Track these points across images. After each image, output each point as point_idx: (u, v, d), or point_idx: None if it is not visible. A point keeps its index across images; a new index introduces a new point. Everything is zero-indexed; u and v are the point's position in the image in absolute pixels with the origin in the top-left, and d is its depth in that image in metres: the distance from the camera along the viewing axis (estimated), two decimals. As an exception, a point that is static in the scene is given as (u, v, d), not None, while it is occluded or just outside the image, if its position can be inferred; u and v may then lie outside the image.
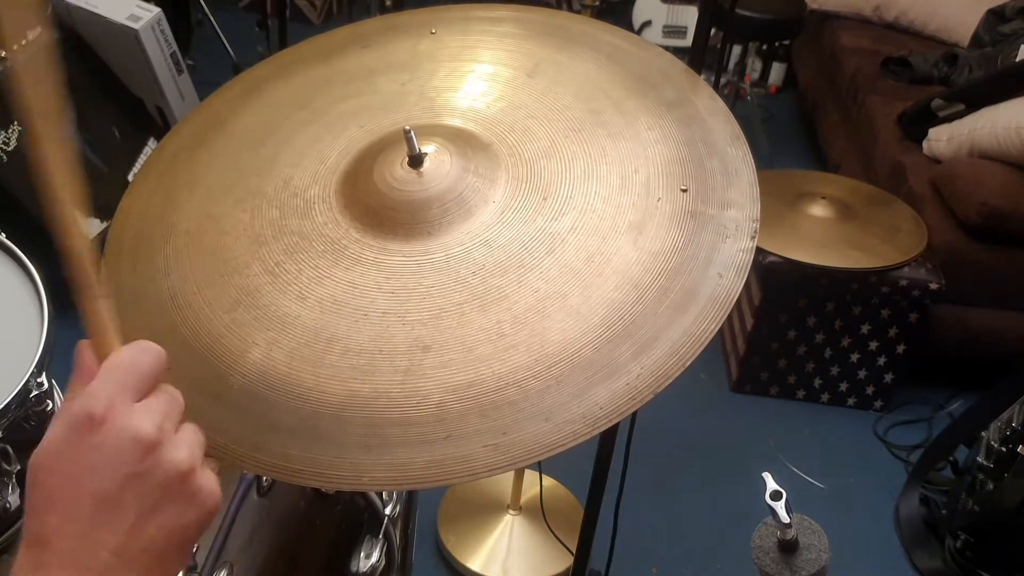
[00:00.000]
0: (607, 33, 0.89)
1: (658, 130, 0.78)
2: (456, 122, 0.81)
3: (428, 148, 0.76)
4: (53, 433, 0.50)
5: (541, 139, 0.78)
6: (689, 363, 0.63)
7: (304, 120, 0.85)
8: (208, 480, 0.52)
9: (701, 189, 0.73)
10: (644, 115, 0.79)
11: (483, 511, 1.91)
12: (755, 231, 0.70)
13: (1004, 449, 1.71)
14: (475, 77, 0.86)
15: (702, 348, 0.63)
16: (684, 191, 0.73)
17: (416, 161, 0.74)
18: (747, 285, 2.34)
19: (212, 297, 0.71)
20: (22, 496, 1.01)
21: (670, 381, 0.62)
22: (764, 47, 3.83)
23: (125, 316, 0.72)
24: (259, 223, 0.76)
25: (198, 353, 0.69)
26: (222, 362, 0.68)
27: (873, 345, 2.23)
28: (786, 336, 2.23)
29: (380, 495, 1.16)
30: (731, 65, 3.41)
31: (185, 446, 0.52)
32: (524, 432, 0.61)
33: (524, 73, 0.85)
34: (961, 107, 2.38)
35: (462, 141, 0.78)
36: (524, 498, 1.90)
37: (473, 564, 1.82)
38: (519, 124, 0.79)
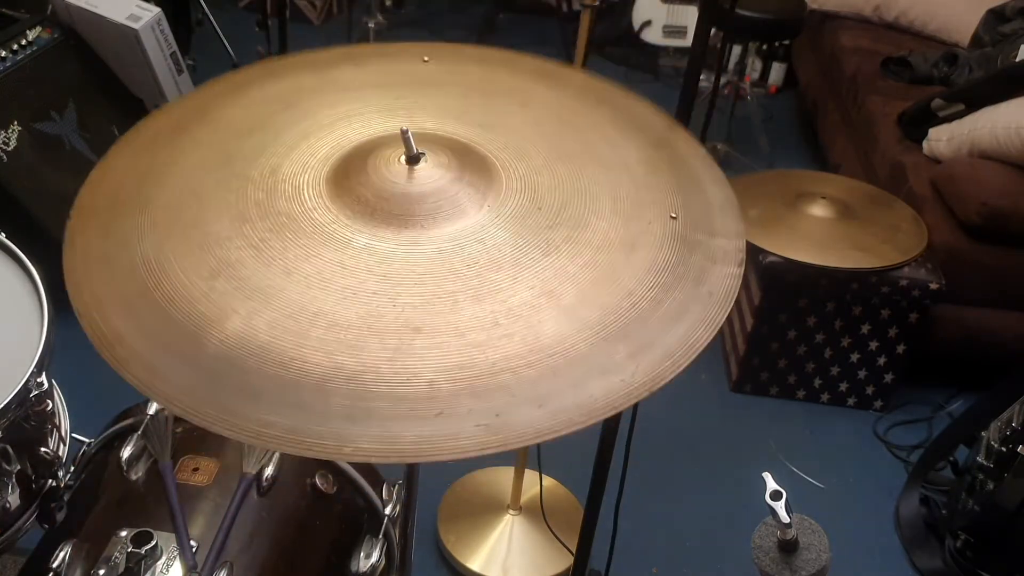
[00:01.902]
0: (594, 80, 0.93)
1: (648, 165, 0.81)
2: (451, 134, 0.82)
3: (425, 149, 0.76)
4: None
5: (535, 159, 0.80)
6: (684, 368, 0.64)
7: (294, 118, 0.85)
8: None
9: (690, 218, 0.76)
10: (635, 151, 0.82)
11: (483, 511, 1.91)
12: (741, 260, 0.73)
13: (1004, 449, 1.71)
14: (468, 103, 0.87)
15: (697, 354, 0.65)
16: (674, 218, 0.75)
17: (413, 160, 0.75)
18: (747, 285, 2.35)
19: (189, 266, 0.71)
20: (22, 496, 1.01)
21: (665, 383, 0.63)
22: (764, 47, 3.83)
23: (94, 277, 0.73)
24: (243, 203, 0.76)
25: (171, 315, 0.68)
26: (197, 326, 0.67)
27: (873, 345, 2.23)
28: (786, 336, 2.24)
29: (380, 495, 1.16)
30: (731, 65, 3.41)
31: None
32: (517, 415, 0.61)
33: (517, 103, 0.87)
34: (961, 107, 2.38)
35: (459, 149, 0.79)
36: (524, 498, 1.90)
37: (473, 564, 1.82)
38: (513, 145, 0.81)
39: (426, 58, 0.92)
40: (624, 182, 0.78)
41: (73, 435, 1.12)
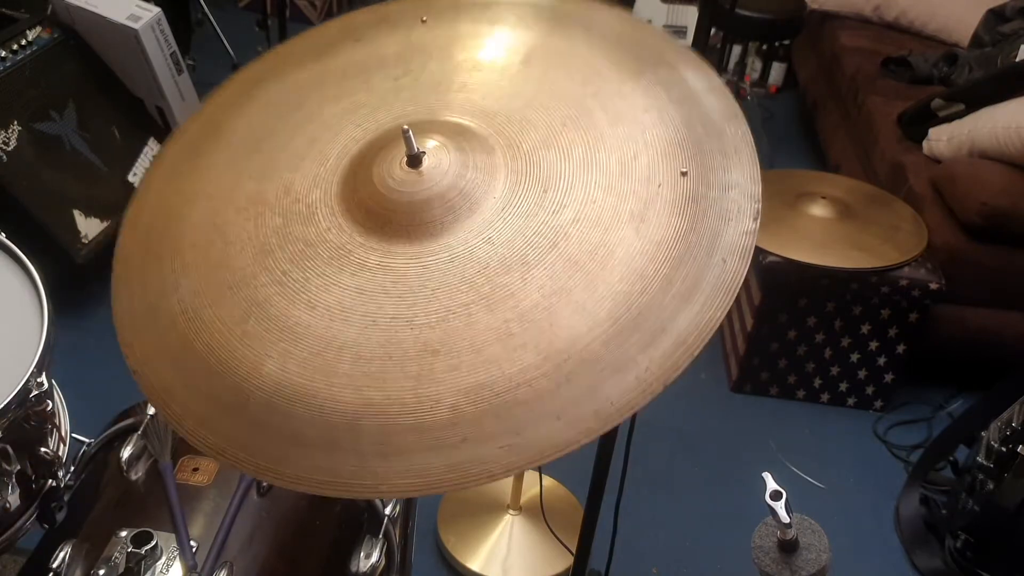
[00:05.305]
0: (599, 12, 0.87)
1: (655, 112, 0.77)
2: (452, 116, 0.80)
3: (426, 146, 0.75)
4: None
5: (539, 128, 0.77)
6: (697, 353, 0.63)
7: (299, 122, 0.84)
8: None
9: (701, 171, 0.72)
10: (640, 97, 0.78)
11: (483, 511, 1.91)
12: (757, 212, 0.70)
13: (1004, 449, 1.71)
14: (469, 67, 0.85)
15: (709, 336, 0.63)
16: (684, 174, 0.72)
17: (415, 161, 0.74)
18: (747, 285, 2.35)
19: (223, 310, 0.71)
20: (22, 496, 1.01)
21: (679, 372, 0.62)
22: (764, 47, 3.82)
23: (141, 332, 0.72)
24: (263, 232, 0.76)
25: (213, 368, 0.69)
26: (238, 375, 0.68)
27: (873, 345, 2.23)
28: (786, 336, 2.23)
29: (380, 495, 1.16)
30: (731, 65, 3.41)
31: None
32: (538, 431, 0.61)
33: (518, 60, 0.84)
34: (961, 107, 2.38)
35: (460, 137, 0.77)
36: (524, 498, 1.90)
37: (473, 564, 1.81)
38: (516, 114, 0.79)
39: (424, 18, 0.89)
40: (632, 138, 0.75)
41: (73, 435, 1.12)
